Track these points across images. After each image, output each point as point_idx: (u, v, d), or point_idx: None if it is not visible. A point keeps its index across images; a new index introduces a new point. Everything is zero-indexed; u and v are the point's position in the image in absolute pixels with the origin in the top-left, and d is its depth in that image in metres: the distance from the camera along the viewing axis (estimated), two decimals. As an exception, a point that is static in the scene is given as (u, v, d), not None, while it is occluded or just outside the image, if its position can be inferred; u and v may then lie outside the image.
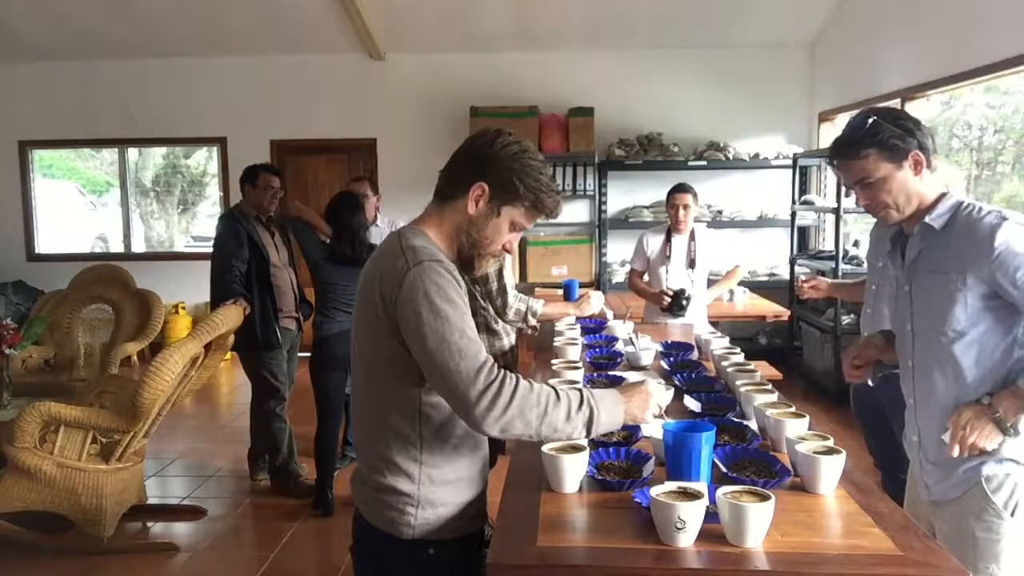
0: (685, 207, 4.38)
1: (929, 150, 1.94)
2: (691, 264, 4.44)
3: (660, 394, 1.75)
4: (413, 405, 1.62)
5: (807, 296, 3.46)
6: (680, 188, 4.45)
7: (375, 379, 1.64)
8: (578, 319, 3.84)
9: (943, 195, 1.96)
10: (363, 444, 1.72)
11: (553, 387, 1.59)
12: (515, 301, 3.45)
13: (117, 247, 8.44)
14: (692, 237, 4.46)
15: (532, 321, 3.43)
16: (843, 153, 1.99)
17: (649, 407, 1.71)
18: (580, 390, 1.62)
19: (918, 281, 2.00)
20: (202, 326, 3.57)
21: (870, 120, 1.95)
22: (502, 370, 1.55)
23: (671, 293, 4.29)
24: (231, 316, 3.77)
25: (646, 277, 4.61)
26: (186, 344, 3.49)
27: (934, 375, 1.98)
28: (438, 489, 1.66)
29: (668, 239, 4.48)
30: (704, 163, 7.13)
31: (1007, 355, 1.91)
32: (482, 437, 1.72)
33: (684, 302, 4.25)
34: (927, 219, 1.95)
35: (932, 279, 1.96)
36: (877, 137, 1.92)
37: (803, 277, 3.51)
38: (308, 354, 4.22)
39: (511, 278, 3.54)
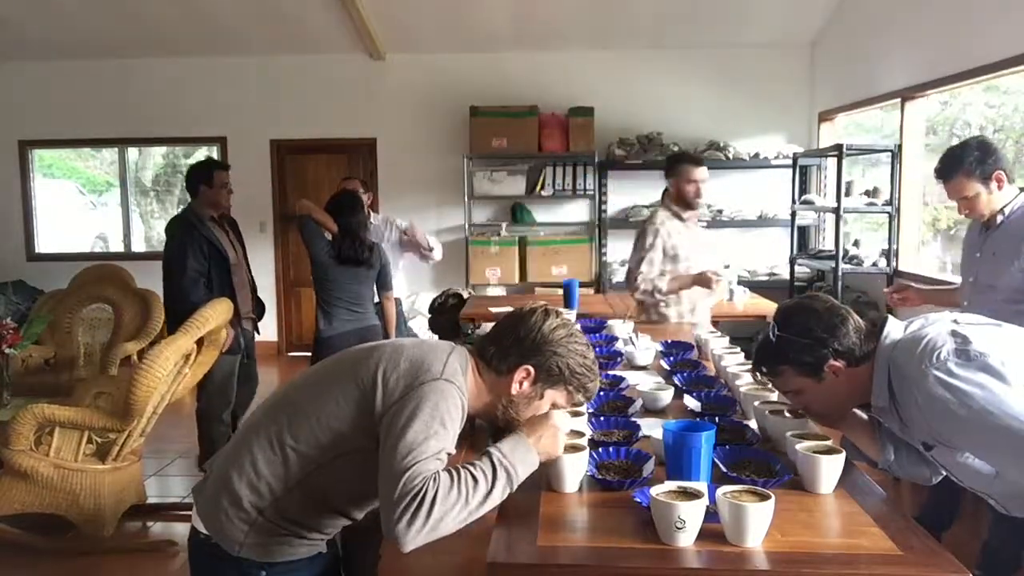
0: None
1: (853, 349, 1.77)
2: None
3: (566, 423, 1.77)
4: (304, 467, 1.61)
5: (899, 307, 3.33)
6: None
7: (303, 419, 1.63)
8: (578, 318, 3.84)
9: (876, 358, 1.78)
10: (237, 443, 1.69)
11: (468, 469, 1.54)
12: None
13: (117, 247, 8.43)
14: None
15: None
16: (761, 367, 1.88)
17: (560, 443, 1.71)
18: (491, 455, 1.57)
19: (928, 452, 1.80)
20: (191, 321, 3.56)
21: (775, 336, 1.81)
22: (426, 481, 1.47)
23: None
24: (220, 311, 3.74)
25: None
26: (176, 340, 3.48)
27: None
28: (281, 523, 1.64)
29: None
30: (704, 163, 7.12)
31: None
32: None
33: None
34: (872, 404, 1.81)
35: (935, 452, 1.77)
36: (787, 356, 1.80)
37: (889, 288, 3.37)
38: (308, 354, 4.22)
39: None
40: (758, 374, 1.93)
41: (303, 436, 1.62)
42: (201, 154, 8.41)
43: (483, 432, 3.54)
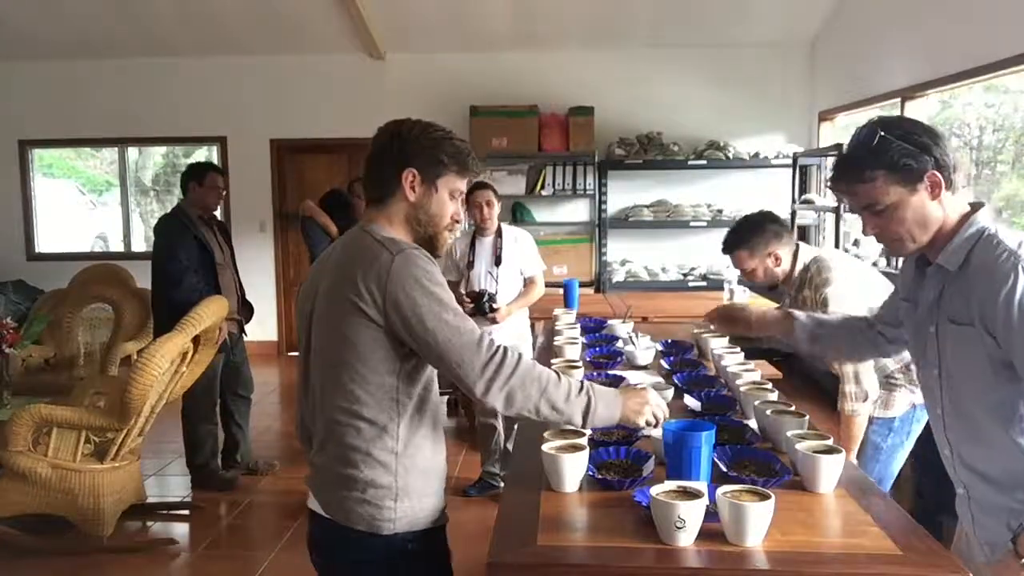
0: (488, 204, 4.18)
1: (949, 168, 1.63)
2: (497, 262, 4.22)
3: (659, 403, 1.80)
4: (390, 395, 1.65)
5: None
6: (480, 185, 4.21)
7: (349, 372, 1.65)
8: (578, 317, 3.84)
9: (965, 220, 1.66)
10: (327, 442, 1.70)
11: (558, 372, 1.69)
12: None
13: (117, 246, 8.44)
14: (499, 235, 4.26)
15: None
16: (847, 175, 1.69)
17: (644, 413, 1.77)
18: (581, 380, 1.72)
19: (942, 326, 1.70)
20: (186, 320, 3.56)
21: (878, 135, 1.64)
22: (500, 344, 1.64)
23: (472, 296, 4.08)
24: (215, 308, 3.73)
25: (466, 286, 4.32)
26: (172, 339, 3.48)
27: (975, 421, 1.69)
28: (414, 479, 1.68)
29: (472, 242, 4.30)
30: (704, 162, 7.13)
31: None
32: (441, 426, 1.80)
33: (487, 305, 4.06)
34: (940, 259, 1.67)
35: (955, 330, 1.66)
36: (886, 156, 1.62)
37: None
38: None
39: None
40: (840, 185, 1.72)
41: (361, 387, 1.64)
42: (201, 154, 8.41)
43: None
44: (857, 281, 2.77)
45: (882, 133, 1.64)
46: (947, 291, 1.68)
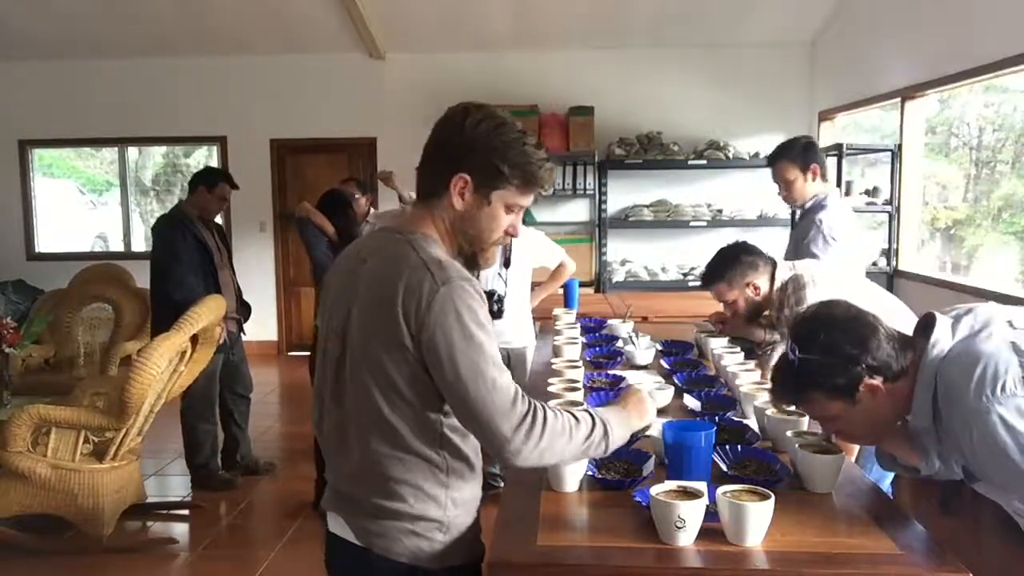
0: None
1: (890, 363, 1.55)
2: (506, 263, 4.13)
3: (646, 390, 1.75)
4: (436, 428, 1.50)
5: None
6: None
7: (390, 405, 1.47)
8: (578, 317, 3.83)
9: (917, 370, 1.57)
10: (367, 474, 1.52)
11: (570, 412, 1.51)
12: None
13: (117, 246, 8.44)
14: None
15: None
16: (784, 398, 1.68)
17: (649, 409, 1.67)
18: (587, 411, 1.55)
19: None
20: (184, 319, 3.56)
21: (797, 360, 1.58)
22: (529, 400, 1.45)
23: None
24: (212, 307, 3.73)
25: None
26: (169, 338, 3.48)
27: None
28: (461, 512, 1.57)
29: None
30: (704, 162, 7.13)
31: None
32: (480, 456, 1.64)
33: (495, 305, 3.93)
34: (912, 423, 1.61)
35: (978, 485, 1.59)
36: (812, 380, 1.58)
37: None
38: (307, 353, 4.22)
39: None
40: (782, 404, 1.73)
41: (405, 418, 1.48)
42: (201, 153, 8.42)
43: None
44: (835, 295, 2.76)
45: (800, 356, 1.58)
46: (942, 446, 1.59)
